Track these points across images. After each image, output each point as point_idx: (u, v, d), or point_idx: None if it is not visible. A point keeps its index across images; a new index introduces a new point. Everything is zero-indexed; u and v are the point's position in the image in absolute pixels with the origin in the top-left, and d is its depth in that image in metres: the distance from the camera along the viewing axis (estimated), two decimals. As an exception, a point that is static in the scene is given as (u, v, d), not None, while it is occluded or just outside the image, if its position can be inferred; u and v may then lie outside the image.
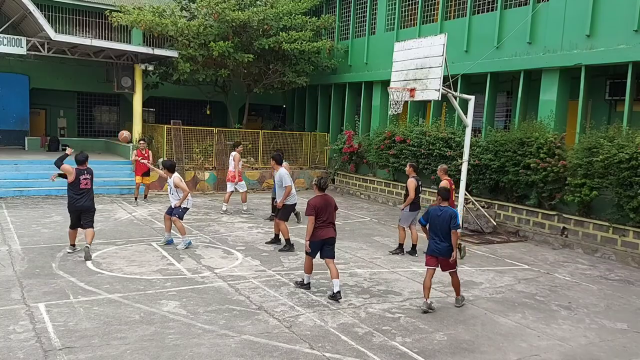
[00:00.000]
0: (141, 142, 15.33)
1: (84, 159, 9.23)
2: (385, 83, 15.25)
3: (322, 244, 7.61)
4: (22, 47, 15.77)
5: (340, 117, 20.79)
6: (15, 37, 15.75)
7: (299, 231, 11.63)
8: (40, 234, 10.48)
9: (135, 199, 14.74)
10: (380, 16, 18.43)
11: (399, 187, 16.81)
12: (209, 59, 17.75)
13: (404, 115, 16.91)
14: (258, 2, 18.83)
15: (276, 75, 19.21)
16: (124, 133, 14.71)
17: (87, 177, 9.03)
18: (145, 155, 14.86)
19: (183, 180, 10.52)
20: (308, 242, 7.57)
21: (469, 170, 12.77)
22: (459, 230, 7.32)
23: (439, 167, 10.81)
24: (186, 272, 8.45)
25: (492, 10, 14.57)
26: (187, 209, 10.32)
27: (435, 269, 7.32)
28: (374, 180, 18.03)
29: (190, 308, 6.84)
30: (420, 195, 10.46)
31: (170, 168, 10.16)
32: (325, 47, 18.96)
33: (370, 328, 6.47)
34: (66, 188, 9.13)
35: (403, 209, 10.31)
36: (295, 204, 11.16)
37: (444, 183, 9.75)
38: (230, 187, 14.03)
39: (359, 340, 6.08)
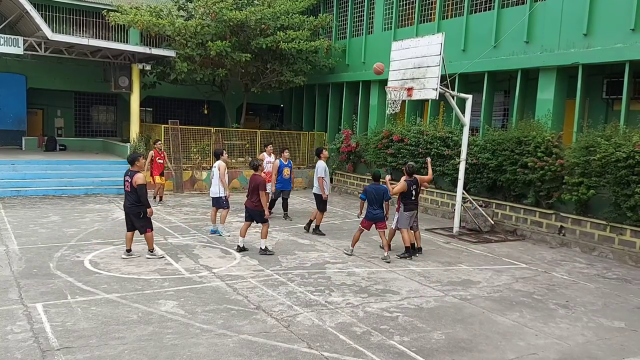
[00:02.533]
0: (158, 142, 15.18)
1: (130, 160, 9.17)
2: (383, 82, 15.26)
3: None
4: (19, 46, 15.76)
5: (338, 117, 20.79)
6: (12, 36, 15.73)
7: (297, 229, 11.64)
8: (38, 234, 10.45)
9: (161, 198, 14.68)
10: (377, 15, 18.43)
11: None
12: (207, 59, 17.73)
13: (402, 115, 16.92)
14: (255, 2, 18.83)
15: (274, 74, 19.20)
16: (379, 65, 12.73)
17: (127, 179, 8.92)
18: (162, 155, 14.71)
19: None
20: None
21: (466, 169, 12.80)
22: (390, 201, 9.98)
23: (406, 165, 10.57)
24: (184, 271, 8.44)
25: (489, 9, 14.58)
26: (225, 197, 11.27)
27: (365, 230, 9.90)
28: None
29: (188, 308, 6.84)
30: (414, 195, 9.96)
31: (216, 154, 11.42)
32: (323, 46, 18.96)
33: (369, 327, 6.47)
34: (62, 188, 9.13)
35: (398, 211, 9.95)
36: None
37: (401, 183, 10.10)
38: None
39: (357, 340, 6.09)
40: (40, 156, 17.79)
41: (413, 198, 9.92)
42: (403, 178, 10.00)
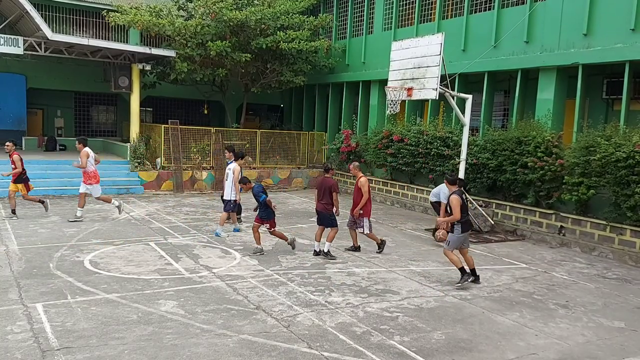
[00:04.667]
0: (7, 144, 12.79)
1: (235, 154, 11.57)
2: (383, 82, 15.24)
3: None
4: (19, 46, 15.75)
5: (338, 117, 20.79)
6: (12, 36, 15.73)
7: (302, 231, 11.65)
8: (38, 234, 10.45)
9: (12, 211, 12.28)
10: (377, 15, 18.43)
11: (397, 186, 16.83)
12: (207, 59, 17.73)
13: (402, 115, 16.92)
14: (255, 2, 18.82)
15: (274, 74, 19.19)
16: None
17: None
18: (12, 160, 12.45)
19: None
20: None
21: (466, 169, 12.80)
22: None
23: (352, 164, 10.54)
24: (184, 271, 8.44)
25: (489, 9, 14.58)
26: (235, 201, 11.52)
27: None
28: (372, 180, 18.03)
29: (188, 308, 6.84)
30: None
31: (237, 156, 11.62)
32: (323, 46, 18.96)
33: (369, 327, 6.47)
34: (62, 188, 9.20)
35: (449, 231, 8.31)
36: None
37: (363, 180, 10.00)
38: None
39: (357, 340, 6.09)
40: (40, 156, 17.78)
41: (467, 211, 8.43)
42: (451, 190, 8.37)
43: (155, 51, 17.26)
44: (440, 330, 6.49)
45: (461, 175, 12.49)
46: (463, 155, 12.46)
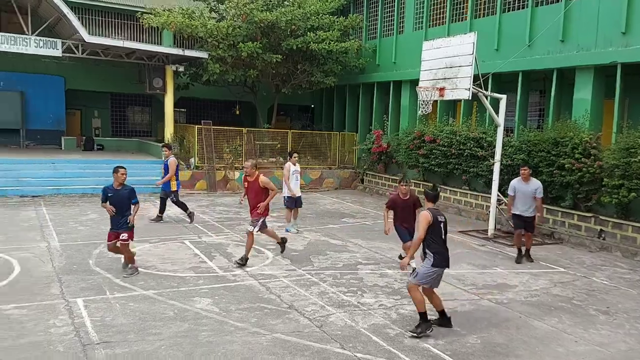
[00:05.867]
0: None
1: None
2: (414, 82, 15.11)
3: None
4: (57, 49, 16.24)
5: (369, 117, 20.72)
6: (51, 39, 16.22)
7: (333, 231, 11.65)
8: (78, 231, 10.74)
9: None
10: (408, 15, 18.30)
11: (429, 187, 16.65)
12: (238, 60, 17.92)
13: (434, 115, 16.76)
14: (286, 3, 18.93)
15: (304, 75, 19.27)
16: None
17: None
18: None
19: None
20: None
21: (501, 170, 12.58)
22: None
23: (248, 162, 9.22)
24: (218, 270, 8.55)
25: (523, 8, 14.30)
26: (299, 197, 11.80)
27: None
28: (403, 181, 17.89)
29: (222, 306, 6.92)
30: (443, 233, 6.49)
31: (291, 155, 11.87)
32: (353, 47, 18.93)
33: (402, 329, 6.42)
34: (99, 187, 9.49)
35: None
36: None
37: (263, 178, 8.96)
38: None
39: (390, 342, 6.05)
40: (78, 156, 18.29)
41: (443, 237, 6.42)
42: (426, 207, 6.60)
43: (188, 53, 17.55)
44: (475, 334, 6.39)
45: (496, 176, 12.29)
46: (497, 157, 12.25)
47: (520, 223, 10.00)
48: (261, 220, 8.95)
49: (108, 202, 7.96)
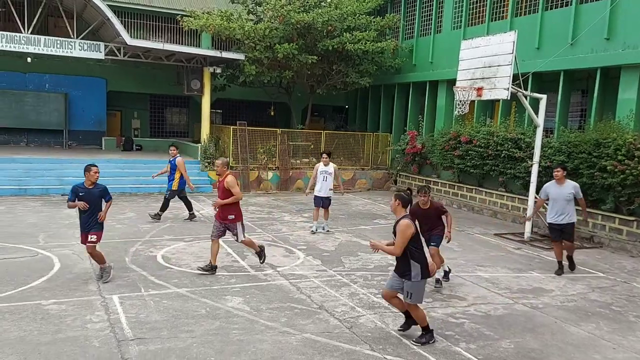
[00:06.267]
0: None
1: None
2: (451, 82, 14.90)
3: None
4: (100, 52, 16.76)
5: (404, 118, 20.55)
6: (95, 42, 16.76)
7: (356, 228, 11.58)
8: (115, 229, 11.03)
9: None
10: (446, 14, 18.06)
11: (464, 189, 16.39)
12: (274, 61, 18.06)
13: (470, 115, 16.47)
14: (322, 4, 18.97)
15: (339, 76, 19.27)
16: None
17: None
18: None
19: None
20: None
21: (539, 172, 12.26)
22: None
23: (218, 160, 8.57)
24: (250, 269, 8.63)
25: (566, 5, 13.91)
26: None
27: None
28: (438, 182, 17.68)
29: (253, 305, 6.98)
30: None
31: (329, 154, 11.83)
32: (389, 46, 18.80)
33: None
34: (137, 186, 9.60)
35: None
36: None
37: (230, 178, 8.27)
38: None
39: (421, 345, 5.97)
40: (118, 156, 18.80)
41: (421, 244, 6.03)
42: (399, 214, 5.98)
43: (226, 54, 17.81)
44: (508, 339, 6.25)
45: (534, 178, 11.98)
46: (536, 158, 11.95)
47: (557, 233, 9.10)
48: (240, 226, 8.33)
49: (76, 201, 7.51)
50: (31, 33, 16.06)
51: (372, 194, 18.44)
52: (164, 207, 12.25)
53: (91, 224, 7.58)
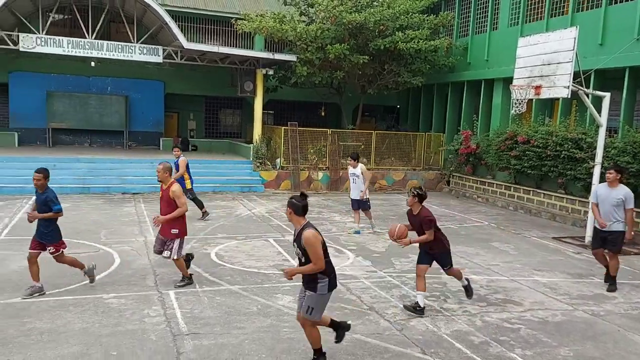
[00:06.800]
0: None
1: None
2: (508, 80, 14.48)
3: None
4: (159, 55, 17.37)
5: (457, 117, 20.13)
6: (153, 46, 17.38)
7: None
8: (171, 227, 11.38)
9: None
10: (503, 11, 17.56)
11: (521, 190, 15.86)
12: (325, 62, 18.13)
13: (528, 115, 15.93)
14: (374, 3, 18.86)
15: (391, 75, 19.11)
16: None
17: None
18: None
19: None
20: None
21: (601, 173, 11.68)
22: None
23: (160, 166, 7.51)
24: (300, 268, 8.68)
25: (632, -2, 13.21)
26: (368, 199, 11.52)
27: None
28: (493, 183, 17.19)
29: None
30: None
31: (355, 158, 11.50)
32: (443, 45, 18.48)
33: (487, 337, 6.17)
34: (192, 185, 9.77)
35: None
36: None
37: (176, 187, 7.37)
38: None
39: (474, 349, 5.83)
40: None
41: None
42: (300, 224, 5.51)
43: (278, 56, 18.05)
44: (567, 347, 5.99)
45: (595, 180, 11.44)
46: (598, 159, 11.40)
47: (598, 240, 8.25)
48: (178, 242, 7.38)
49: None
50: (95, 38, 16.84)
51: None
52: (198, 203, 12.47)
53: (43, 234, 6.87)
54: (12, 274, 7.72)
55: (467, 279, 7.28)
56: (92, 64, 19.37)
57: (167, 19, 16.48)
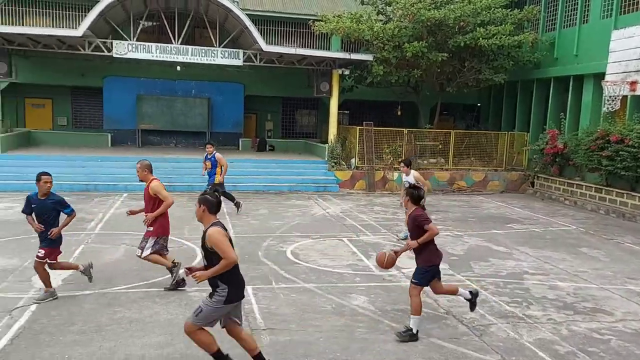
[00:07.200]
0: None
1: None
2: (599, 76, 13.63)
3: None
4: (239, 59, 17.95)
5: (543, 115, 19.16)
6: (234, 50, 17.98)
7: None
8: (250, 225, 11.72)
9: None
10: (594, 2, 16.51)
11: (614, 193, 14.81)
12: (402, 60, 17.90)
13: (622, 112, 14.86)
14: (454, -1, 18.41)
15: (471, 73, 18.53)
16: None
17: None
18: None
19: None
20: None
21: None
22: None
23: (138, 164, 7.25)
24: (374, 269, 8.62)
25: None
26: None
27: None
28: (582, 185, 16.18)
29: (378, 304, 6.97)
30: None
31: (408, 164, 10.86)
32: (528, 40, 17.68)
33: (574, 347, 5.81)
34: (269, 185, 9.96)
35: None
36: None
37: (154, 183, 7.08)
38: None
39: (559, 359, 5.52)
40: (252, 156, 19.99)
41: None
42: (209, 222, 5.12)
43: (354, 56, 18.07)
44: (667, 364, 5.51)
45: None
46: None
47: None
48: (152, 241, 7.08)
49: (33, 214, 6.65)
50: (180, 44, 17.68)
51: (505, 197, 17.45)
52: (229, 197, 12.71)
53: (42, 237, 6.64)
54: (105, 265, 8.27)
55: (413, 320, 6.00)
56: (178, 68, 20.33)
57: (248, 22, 16.98)
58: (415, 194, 6.08)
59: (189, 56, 17.62)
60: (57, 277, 7.30)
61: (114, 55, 17.20)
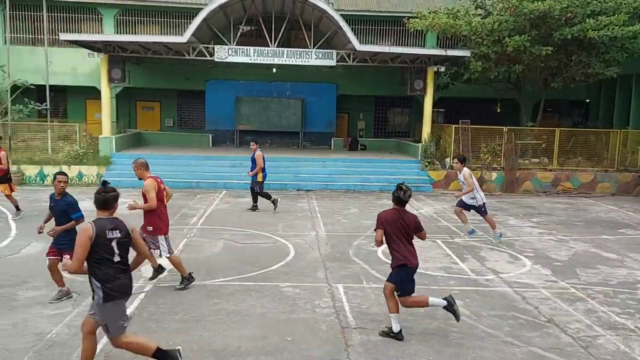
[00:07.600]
0: None
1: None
2: None
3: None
4: (332, 59, 18.14)
5: (662, 112, 17.44)
6: (328, 50, 18.19)
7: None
8: (341, 224, 11.80)
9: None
10: None
11: None
12: (502, 55, 17.13)
13: None
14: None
15: (579, 67, 17.31)
16: None
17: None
18: None
19: (473, 176, 10.47)
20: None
21: None
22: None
23: (134, 163, 7.18)
24: (470, 272, 8.34)
25: None
26: (484, 203, 10.41)
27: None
28: None
29: (473, 309, 6.72)
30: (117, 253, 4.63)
31: (462, 161, 10.50)
32: (645, 30, 16.16)
33: (698, 369, 5.23)
34: (360, 184, 9.95)
35: None
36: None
37: (147, 182, 6.95)
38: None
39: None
40: (344, 155, 20.11)
41: (116, 258, 4.50)
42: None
43: (451, 52, 17.57)
44: None
45: None
46: None
47: None
48: (162, 240, 7.15)
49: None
50: (276, 46, 18.21)
51: (617, 200, 16.09)
52: (265, 196, 12.71)
53: (61, 240, 6.48)
54: (206, 258, 8.73)
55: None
56: (274, 70, 20.95)
57: (342, 23, 17.09)
58: (394, 195, 6.00)
59: (284, 58, 18.09)
60: (164, 265, 7.78)
61: (216, 60, 18.09)
